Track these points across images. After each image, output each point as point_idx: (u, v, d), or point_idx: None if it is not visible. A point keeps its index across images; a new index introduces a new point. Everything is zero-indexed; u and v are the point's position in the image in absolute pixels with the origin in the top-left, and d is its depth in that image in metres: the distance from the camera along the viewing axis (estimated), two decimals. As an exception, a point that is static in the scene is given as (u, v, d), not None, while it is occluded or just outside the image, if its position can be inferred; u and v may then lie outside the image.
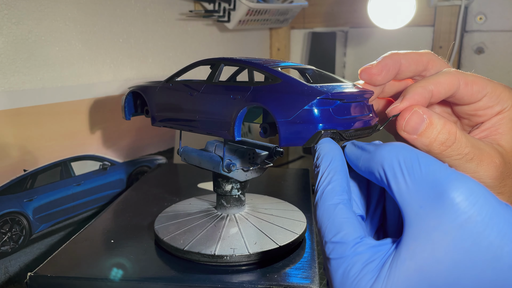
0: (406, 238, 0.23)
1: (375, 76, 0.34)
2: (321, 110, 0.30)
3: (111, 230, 0.57)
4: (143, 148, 0.89)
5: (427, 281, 0.22)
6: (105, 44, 0.78)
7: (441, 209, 0.22)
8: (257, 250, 0.47)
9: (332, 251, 0.25)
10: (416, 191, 0.23)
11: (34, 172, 0.67)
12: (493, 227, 0.21)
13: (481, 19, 1.14)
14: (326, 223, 0.26)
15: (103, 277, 0.45)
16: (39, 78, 0.67)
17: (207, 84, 0.42)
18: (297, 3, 1.09)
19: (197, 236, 0.49)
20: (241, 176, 0.49)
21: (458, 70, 0.33)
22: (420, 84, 0.32)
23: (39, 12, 0.66)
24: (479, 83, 0.32)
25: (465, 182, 0.22)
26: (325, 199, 0.27)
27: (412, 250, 0.23)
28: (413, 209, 0.23)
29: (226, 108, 0.38)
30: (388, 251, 0.24)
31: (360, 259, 0.24)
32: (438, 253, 0.22)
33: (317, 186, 0.28)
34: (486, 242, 0.21)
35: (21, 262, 0.65)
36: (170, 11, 0.92)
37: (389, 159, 0.25)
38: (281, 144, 0.31)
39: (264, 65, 0.36)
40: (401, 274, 0.22)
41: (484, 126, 0.33)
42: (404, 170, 0.24)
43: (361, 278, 0.23)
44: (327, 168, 0.28)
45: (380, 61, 0.34)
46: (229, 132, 0.38)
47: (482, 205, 0.22)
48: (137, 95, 0.53)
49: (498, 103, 0.33)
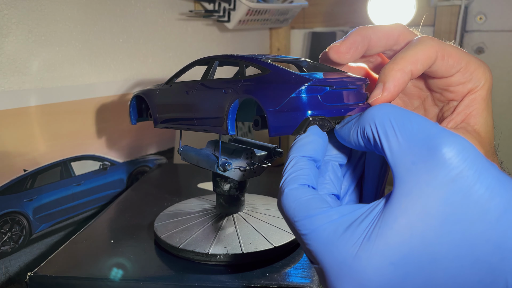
0: (398, 196, 0.23)
1: (343, 54, 0.32)
2: (309, 97, 0.29)
3: (111, 230, 0.57)
4: (143, 148, 0.89)
5: (419, 236, 0.22)
6: (105, 44, 0.78)
7: (433, 164, 0.23)
8: (251, 250, 0.47)
9: (308, 226, 0.25)
10: (407, 148, 0.24)
11: (34, 172, 0.67)
12: (482, 182, 0.22)
13: (481, 19, 1.14)
14: (293, 204, 0.26)
15: (103, 277, 0.45)
16: (39, 78, 0.67)
17: (202, 82, 0.42)
18: (297, 3, 1.09)
19: (193, 235, 0.49)
20: (238, 176, 0.49)
21: (435, 38, 0.31)
22: (398, 66, 0.30)
23: (39, 12, 0.66)
24: (455, 56, 0.31)
25: (456, 138, 0.23)
26: (288, 184, 0.27)
27: (405, 207, 0.23)
28: (405, 166, 0.23)
29: (219, 103, 0.39)
30: (369, 213, 0.24)
31: (341, 224, 0.24)
32: (430, 208, 0.22)
33: (283, 172, 0.28)
34: (475, 196, 0.22)
35: (21, 262, 0.65)
36: (170, 11, 0.92)
37: (380, 116, 0.25)
38: (270, 134, 0.31)
39: (254, 58, 0.36)
40: (393, 232, 0.23)
41: (458, 108, 0.33)
42: (396, 126, 0.24)
43: (347, 241, 0.23)
44: (295, 157, 0.28)
45: (348, 38, 0.32)
46: (222, 127, 0.39)
47: (473, 160, 0.22)
48: (141, 99, 0.53)
49: (470, 80, 0.32)
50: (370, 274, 0.23)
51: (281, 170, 0.28)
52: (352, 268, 0.23)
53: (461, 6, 1.08)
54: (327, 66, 0.35)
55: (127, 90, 0.83)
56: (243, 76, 0.36)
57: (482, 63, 0.32)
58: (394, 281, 0.23)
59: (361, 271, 0.23)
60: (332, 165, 0.31)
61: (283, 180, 0.27)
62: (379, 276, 0.23)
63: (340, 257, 0.24)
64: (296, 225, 0.25)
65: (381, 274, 0.23)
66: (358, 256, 0.23)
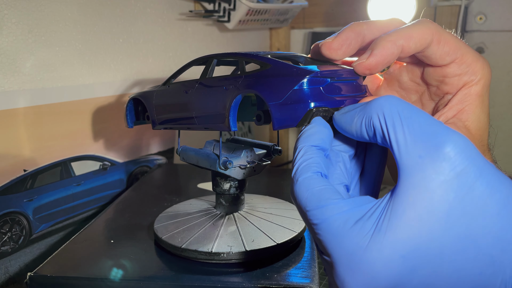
0: (405, 188, 0.24)
1: (335, 51, 0.32)
2: (311, 89, 0.30)
3: (111, 230, 0.57)
4: (143, 148, 0.89)
5: (427, 229, 0.23)
6: (105, 44, 0.78)
7: (439, 159, 0.23)
8: (254, 248, 0.47)
9: (320, 216, 0.25)
10: (414, 142, 0.24)
11: (34, 172, 0.67)
12: (484, 178, 0.23)
13: (481, 19, 1.14)
14: (305, 194, 0.26)
15: (103, 277, 0.45)
16: (39, 78, 0.67)
17: (201, 81, 0.42)
18: (297, 3, 1.09)
19: (195, 235, 0.49)
20: (238, 174, 0.49)
21: (434, 22, 0.31)
22: (390, 37, 0.30)
23: (39, 12, 0.66)
24: (452, 44, 0.30)
25: (461, 136, 0.24)
26: (301, 173, 0.27)
27: (413, 199, 0.23)
28: (412, 159, 0.24)
29: (220, 100, 0.39)
30: (378, 205, 0.24)
31: (352, 216, 0.24)
32: (437, 201, 0.23)
33: (293, 162, 0.28)
34: (478, 192, 0.23)
35: (21, 262, 0.65)
36: (170, 11, 0.92)
37: (389, 107, 0.25)
38: (274, 128, 0.31)
39: (253, 54, 0.36)
40: (402, 224, 0.23)
41: (451, 103, 0.32)
42: (403, 119, 0.25)
43: (358, 233, 0.24)
44: (304, 146, 0.28)
45: (341, 34, 0.32)
46: (224, 124, 0.39)
47: (475, 158, 0.23)
48: (138, 102, 0.53)
49: (466, 73, 0.31)
50: (380, 267, 0.23)
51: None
52: (362, 259, 0.23)
53: (461, 6, 1.08)
54: (323, 61, 0.36)
55: (127, 90, 0.83)
56: (243, 72, 0.36)
57: (481, 57, 0.32)
58: (402, 273, 0.23)
59: (371, 263, 0.23)
60: (342, 156, 0.31)
61: (294, 170, 0.27)
62: (388, 268, 0.23)
63: (350, 248, 0.24)
64: (308, 214, 0.26)
65: (391, 266, 0.23)
66: (369, 248, 0.23)
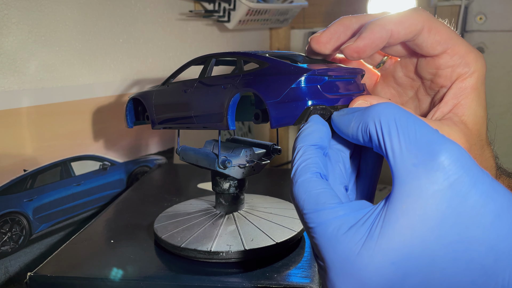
0: (399, 196, 0.24)
1: (324, 45, 0.32)
2: (309, 87, 0.30)
3: (111, 230, 0.57)
4: (143, 148, 0.89)
5: (419, 237, 0.23)
6: (105, 44, 0.78)
7: (433, 168, 0.23)
8: (254, 247, 0.47)
9: (315, 219, 0.25)
10: (409, 150, 0.24)
11: (34, 172, 0.67)
12: (478, 188, 0.23)
13: (481, 19, 1.14)
14: (303, 196, 0.26)
15: (103, 277, 0.45)
16: (39, 78, 0.67)
17: (200, 80, 0.42)
18: (297, 3, 1.09)
19: (195, 234, 0.49)
20: (237, 174, 0.49)
21: (426, 11, 0.31)
22: (379, 21, 0.29)
23: (39, 12, 0.66)
24: (443, 33, 0.30)
25: (455, 146, 0.24)
26: (300, 174, 0.27)
27: (406, 207, 0.23)
28: (406, 167, 0.24)
29: (218, 99, 0.39)
30: (372, 212, 0.24)
31: (346, 221, 0.24)
32: (430, 210, 0.23)
33: (292, 163, 0.28)
34: (471, 201, 0.23)
35: (21, 262, 0.65)
36: (170, 11, 0.92)
37: (386, 115, 0.25)
38: (272, 126, 0.31)
39: (251, 53, 0.37)
40: (395, 232, 0.23)
41: (446, 97, 0.32)
42: (399, 127, 0.24)
43: (351, 239, 0.24)
44: (303, 146, 0.28)
45: (329, 28, 0.32)
46: (222, 122, 0.39)
47: (470, 167, 0.23)
48: (137, 102, 0.53)
49: (459, 65, 0.31)
50: (371, 273, 0.23)
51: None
52: (354, 265, 0.23)
53: (461, 6, 1.08)
54: (321, 60, 0.36)
55: (127, 90, 0.83)
56: (241, 71, 0.37)
57: (474, 49, 0.31)
58: (393, 280, 0.23)
59: (362, 269, 0.23)
60: (342, 156, 0.31)
61: (294, 170, 0.27)
62: (380, 275, 0.23)
63: (343, 253, 0.24)
64: (305, 217, 0.26)
65: (382, 273, 0.23)
66: (360, 254, 0.23)
